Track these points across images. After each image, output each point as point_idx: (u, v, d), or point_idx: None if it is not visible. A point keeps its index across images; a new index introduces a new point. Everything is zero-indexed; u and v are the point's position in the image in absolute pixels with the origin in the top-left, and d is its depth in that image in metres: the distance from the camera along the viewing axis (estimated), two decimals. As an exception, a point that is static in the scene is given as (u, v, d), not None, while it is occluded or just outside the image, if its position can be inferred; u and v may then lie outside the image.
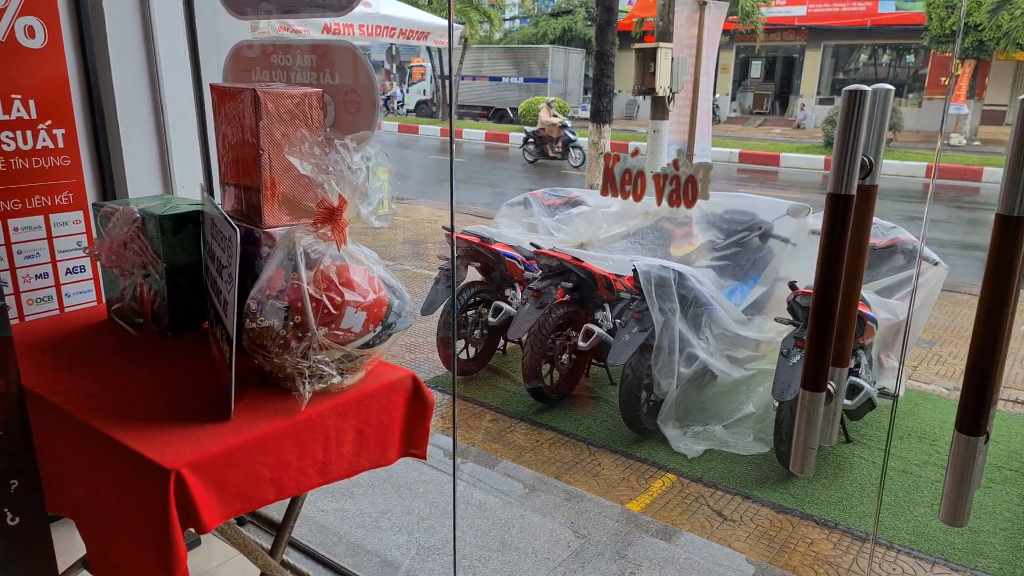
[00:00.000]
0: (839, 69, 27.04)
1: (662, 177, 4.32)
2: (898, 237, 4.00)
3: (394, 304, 1.62)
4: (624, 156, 4.36)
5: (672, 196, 4.32)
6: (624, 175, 4.36)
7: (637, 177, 4.35)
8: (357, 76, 1.67)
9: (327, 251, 1.55)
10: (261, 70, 1.89)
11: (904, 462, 3.73)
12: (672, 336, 3.71)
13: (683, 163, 4.29)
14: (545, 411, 4.26)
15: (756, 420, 3.94)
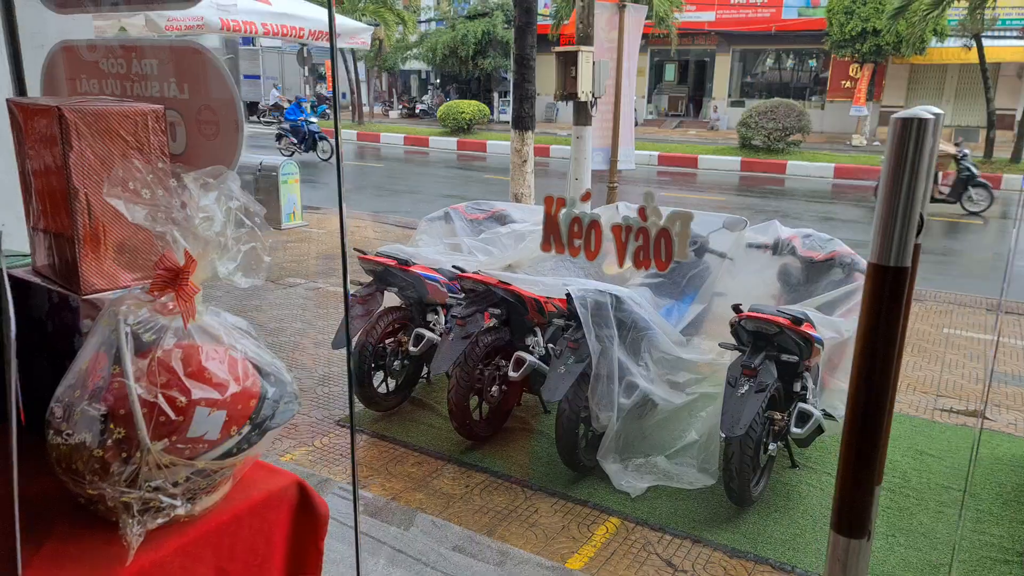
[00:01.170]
0: (747, 73, 27.84)
1: (624, 230, 3.30)
2: (836, 250, 3.83)
3: (268, 394, 1.20)
4: (571, 200, 3.37)
5: (639, 255, 3.26)
6: (572, 226, 3.38)
7: (590, 229, 3.34)
8: (212, 88, 1.24)
9: (169, 328, 1.13)
10: (89, 79, 1.44)
11: (853, 487, 3.55)
12: (611, 365, 3.40)
13: (651, 211, 3.26)
14: (475, 450, 3.88)
15: (700, 449, 3.68)
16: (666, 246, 3.15)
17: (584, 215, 3.36)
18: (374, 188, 13.70)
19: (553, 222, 3.42)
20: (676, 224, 3.12)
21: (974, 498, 3.45)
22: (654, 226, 3.16)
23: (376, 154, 19.31)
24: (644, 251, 3.15)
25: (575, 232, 3.32)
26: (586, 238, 3.30)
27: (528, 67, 6.75)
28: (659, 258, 3.17)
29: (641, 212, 3.17)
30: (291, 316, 5.98)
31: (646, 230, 3.17)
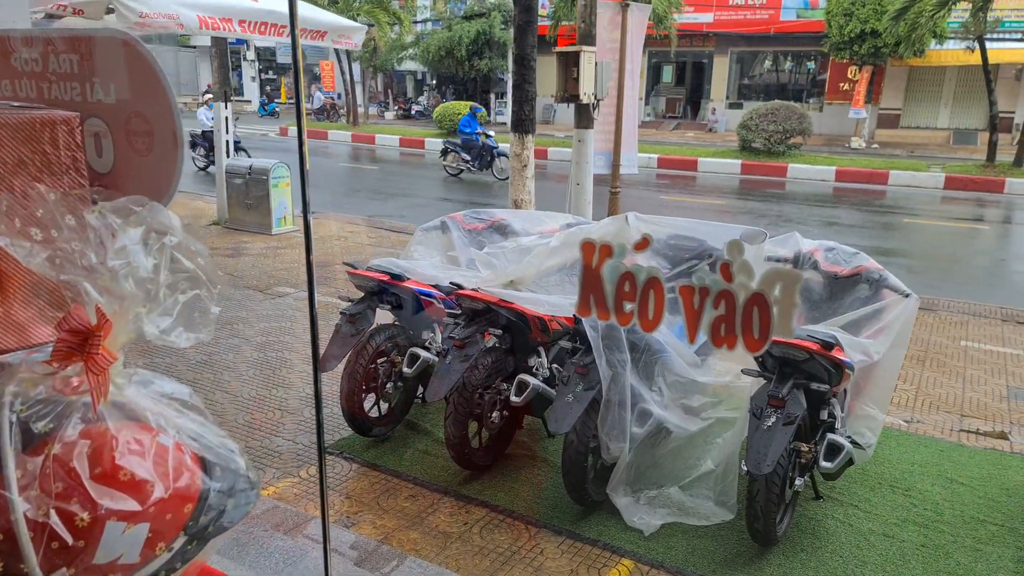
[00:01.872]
0: (745, 75, 27.63)
1: (699, 293, 2.42)
2: (862, 265, 3.56)
3: (210, 492, 0.92)
4: (620, 248, 2.57)
5: (719, 329, 2.39)
6: (622, 284, 2.53)
7: (648, 289, 2.50)
8: (143, 90, 0.96)
9: (73, 412, 0.84)
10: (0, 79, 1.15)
11: (882, 522, 3.28)
12: (623, 392, 3.12)
13: (740, 267, 2.41)
14: (474, 480, 3.59)
15: (716, 480, 3.40)
16: (761, 318, 2.24)
17: (639, 269, 2.50)
18: (368, 191, 13.41)
19: (594, 277, 2.52)
20: (776, 287, 2.20)
21: (1013, 534, 3.18)
22: (743, 289, 2.25)
23: (371, 156, 19.02)
24: (727, 324, 2.25)
25: (625, 292, 2.44)
26: (642, 301, 2.40)
27: (529, 68, 6.47)
28: (749, 334, 2.27)
29: (725, 270, 2.28)
30: (280, 329, 5.69)
31: (731, 295, 2.27)
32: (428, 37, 26.51)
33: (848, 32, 19.94)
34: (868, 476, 3.65)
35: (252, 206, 8.94)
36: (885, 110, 24.12)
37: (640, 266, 2.53)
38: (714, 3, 25.29)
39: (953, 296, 6.87)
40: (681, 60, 27.73)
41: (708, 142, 21.48)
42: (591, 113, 7.21)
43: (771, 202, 13.16)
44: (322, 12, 7.74)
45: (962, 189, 14.24)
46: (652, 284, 2.52)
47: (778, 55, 27.10)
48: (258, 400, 4.45)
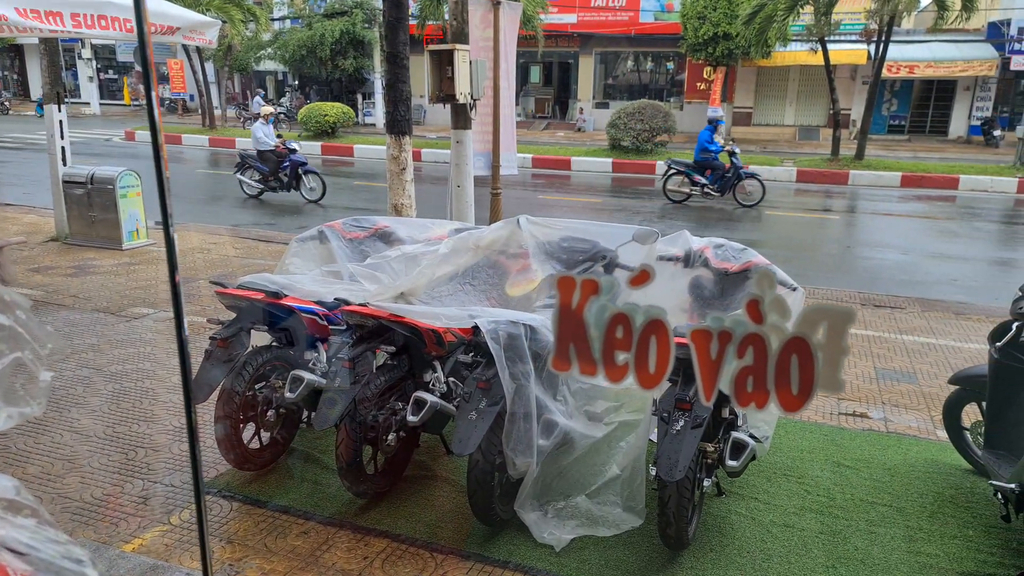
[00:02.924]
0: (609, 75, 28.56)
1: (718, 338, 1.89)
2: (751, 260, 3.63)
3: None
4: (609, 284, 2.03)
5: (745, 382, 1.89)
6: (613, 329, 1.96)
7: (648, 335, 1.94)
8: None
9: None
10: None
11: (781, 512, 3.35)
12: (527, 404, 2.98)
13: (771, 304, 1.84)
14: (371, 509, 3.33)
15: (623, 485, 3.34)
16: (801, 368, 1.73)
17: (634, 309, 1.94)
18: (232, 199, 12.57)
19: (575, 321, 1.97)
20: (819, 328, 1.70)
21: (901, 513, 3.34)
22: (777, 332, 1.74)
23: (231, 161, 17.88)
24: (756, 377, 1.75)
25: (618, 340, 1.92)
26: (639, 349, 1.88)
27: (402, 66, 6.21)
28: (785, 389, 1.75)
29: (752, 308, 1.75)
30: (138, 355, 5.11)
31: (761, 340, 1.75)
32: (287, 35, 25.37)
33: (702, 34, 21.05)
34: (763, 466, 3.72)
35: (97, 219, 8.06)
36: (739, 108, 25.74)
37: (636, 306, 1.93)
38: (577, 4, 25.94)
39: (815, 284, 7.31)
40: (548, 60, 28.24)
41: (579, 141, 21.98)
42: (468, 113, 7.05)
43: (644, 199, 13.60)
44: (169, 5, 7.07)
45: (812, 182, 15.38)
46: (654, 328, 1.90)
47: (639, 56, 28.21)
48: (116, 439, 3.94)
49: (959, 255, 9.30)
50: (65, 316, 5.89)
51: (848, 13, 20.90)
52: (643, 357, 1.92)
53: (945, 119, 24.24)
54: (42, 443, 3.86)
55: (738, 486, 3.54)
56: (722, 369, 1.83)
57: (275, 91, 31.48)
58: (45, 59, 7.93)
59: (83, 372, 4.79)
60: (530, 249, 3.81)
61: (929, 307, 6.59)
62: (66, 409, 4.25)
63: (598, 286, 2.00)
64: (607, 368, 2.01)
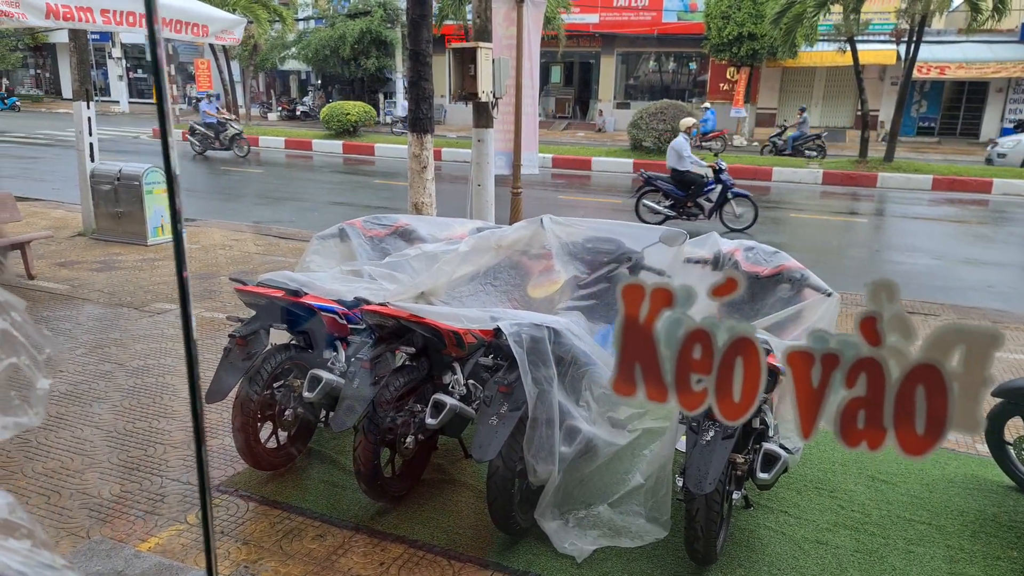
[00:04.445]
0: (631, 75, 28.38)
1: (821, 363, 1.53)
2: (783, 264, 3.52)
3: None
4: (685, 295, 1.64)
5: (853, 417, 1.54)
6: (690, 347, 1.61)
7: (732, 355, 1.58)
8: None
9: None
10: None
11: (814, 528, 3.23)
12: (550, 410, 2.89)
13: (891, 322, 1.48)
14: (388, 513, 3.27)
15: (647, 495, 3.24)
16: (930, 403, 1.40)
17: (715, 326, 1.57)
18: (254, 196, 12.62)
19: (642, 336, 1.62)
20: (954, 353, 1.38)
21: (940, 532, 3.20)
22: (897, 357, 1.41)
23: (255, 159, 18.00)
24: (870, 411, 1.42)
25: (694, 361, 1.56)
26: (722, 373, 1.53)
27: (424, 64, 6.15)
28: (908, 427, 1.41)
29: (868, 326, 1.42)
30: (160, 351, 5.10)
31: (877, 366, 1.42)
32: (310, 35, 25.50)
33: (727, 35, 20.82)
34: (793, 478, 3.61)
35: (123, 214, 8.11)
36: (763, 109, 25.45)
37: (719, 321, 1.57)
38: (599, 4, 25.80)
39: (843, 288, 7.13)
40: (569, 60, 28.13)
41: (599, 141, 21.84)
42: (490, 112, 6.98)
43: (666, 199, 13.41)
44: (201, 5, 7.08)
45: (839, 184, 15.12)
46: (740, 348, 1.53)
47: (661, 56, 28.01)
48: (135, 435, 3.91)
49: (994, 261, 9.05)
50: (89, 310, 5.91)
51: (877, 13, 20.56)
52: (726, 383, 1.54)
53: (976, 121, 23.77)
54: (63, 438, 3.85)
55: (767, 499, 3.43)
56: (826, 400, 1.47)
57: (299, 90, 31.69)
58: (74, 57, 7.99)
59: (105, 367, 4.79)
60: (553, 249, 3.72)
61: (964, 314, 6.41)
62: (87, 404, 4.24)
63: (672, 296, 1.62)
64: (681, 393, 1.64)
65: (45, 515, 3.19)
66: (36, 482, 3.44)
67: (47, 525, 3.11)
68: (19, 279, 6.63)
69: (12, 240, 6.60)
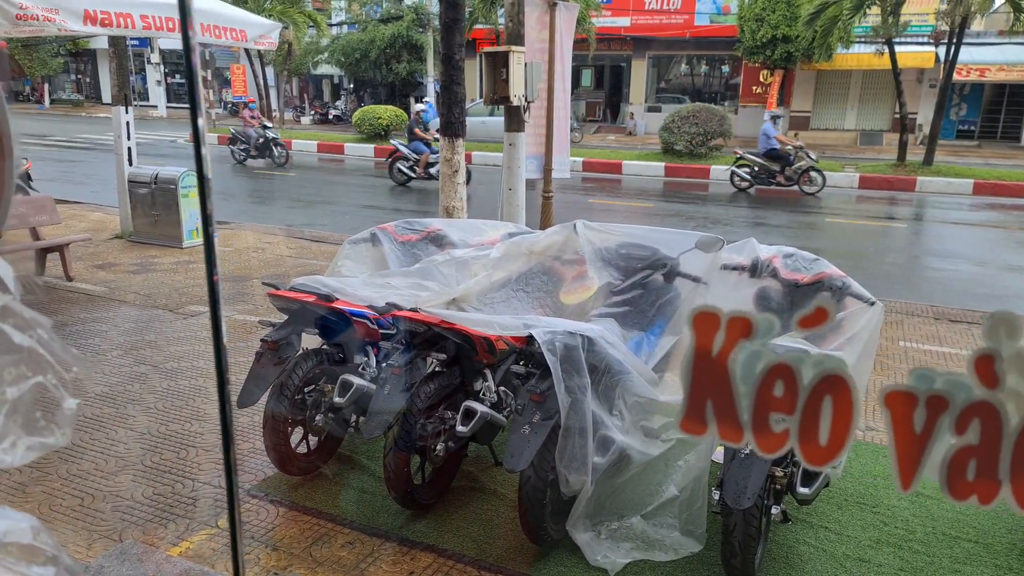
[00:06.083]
0: (662, 78, 28.16)
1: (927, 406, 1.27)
2: (824, 271, 3.41)
3: None
4: (767, 326, 1.36)
5: (967, 470, 1.28)
6: (770, 383, 1.37)
7: (820, 395, 1.34)
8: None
9: None
10: None
11: (855, 545, 3.12)
12: (583, 419, 2.84)
13: (1013, 359, 1.21)
14: (418, 520, 3.24)
15: (682, 507, 3.17)
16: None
17: (802, 360, 1.39)
18: (287, 199, 12.75)
19: (717, 370, 1.46)
20: None
21: (988, 550, 3.08)
22: (1018, 401, 1.26)
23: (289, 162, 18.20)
24: (983, 461, 1.28)
25: (776, 399, 1.40)
26: (807, 414, 1.38)
27: (457, 68, 6.15)
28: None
29: (983, 366, 1.26)
30: (193, 353, 5.16)
31: (994, 411, 1.27)
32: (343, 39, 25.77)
33: (760, 37, 20.52)
34: (833, 493, 3.50)
35: (160, 217, 8.24)
36: (796, 112, 25.03)
37: (804, 354, 1.40)
38: (631, 7, 25.64)
39: (883, 295, 6.95)
40: (599, 64, 27.99)
41: (630, 145, 21.69)
42: (522, 115, 6.95)
43: (696, 204, 13.29)
44: (236, 9, 7.17)
45: (876, 188, 14.80)
46: (831, 386, 1.37)
47: (693, 59, 27.74)
48: (169, 437, 3.95)
49: (1038, 268, 8.77)
50: (125, 312, 6.00)
51: (916, 14, 20.10)
52: (811, 424, 1.38)
53: (1017, 125, 23.11)
54: (97, 439, 3.90)
55: (806, 513, 3.32)
56: (930, 448, 1.31)
57: (331, 94, 32.05)
58: (114, 62, 8.15)
59: (140, 369, 4.85)
60: (586, 255, 3.67)
61: (1008, 323, 6.19)
62: (122, 406, 4.29)
63: (751, 326, 1.43)
64: (758, 435, 1.47)
65: (78, 517, 3.22)
66: (70, 484, 3.48)
67: (79, 528, 3.14)
68: (58, 281, 6.76)
69: (51, 242, 6.74)
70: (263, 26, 6.91)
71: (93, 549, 2.99)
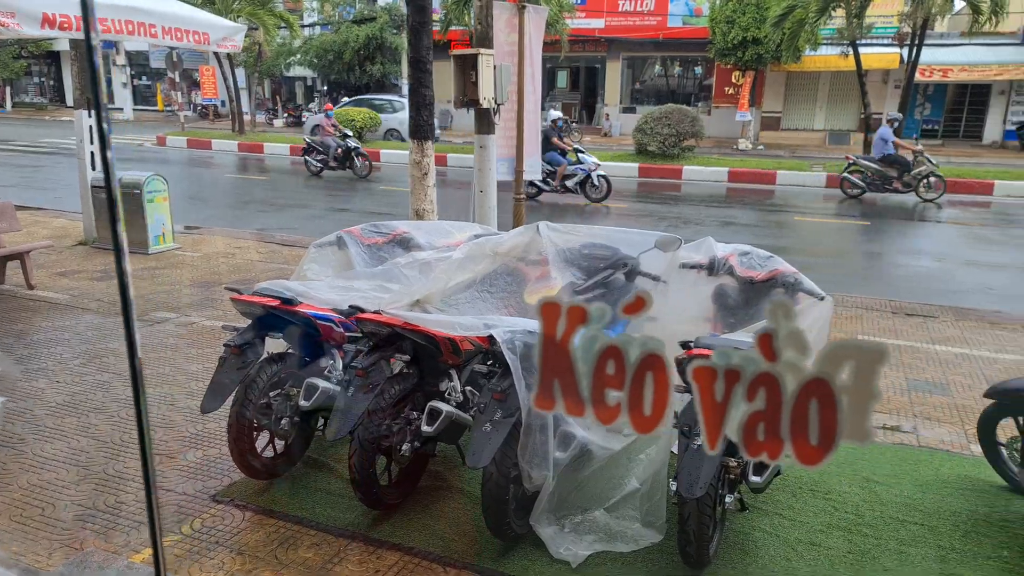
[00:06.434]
0: (636, 79, 28.40)
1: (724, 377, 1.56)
2: (777, 268, 3.51)
3: None
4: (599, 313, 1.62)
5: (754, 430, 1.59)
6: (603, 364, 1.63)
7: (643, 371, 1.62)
8: None
9: None
10: None
11: (807, 530, 3.22)
12: (543, 416, 2.90)
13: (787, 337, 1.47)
14: (385, 520, 3.27)
15: (643, 499, 3.24)
16: (822, 415, 1.48)
17: (628, 342, 1.61)
18: (258, 203, 12.68)
19: (560, 353, 1.68)
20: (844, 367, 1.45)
21: (933, 532, 3.19)
22: (793, 371, 1.47)
23: (260, 166, 18.10)
24: (768, 424, 1.50)
25: (608, 376, 1.62)
26: (634, 387, 1.60)
27: (425, 71, 6.18)
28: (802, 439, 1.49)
29: (765, 343, 1.47)
30: (158, 360, 5.13)
31: (774, 380, 1.49)
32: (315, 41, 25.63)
33: (731, 39, 20.80)
34: (788, 481, 3.59)
35: (124, 223, 8.15)
36: (767, 113, 25.39)
37: (631, 337, 1.63)
38: (604, 9, 25.84)
39: (846, 291, 7.12)
40: (574, 65, 28.17)
41: (605, 146, 21.84)
42: (492, 118, 7.00)
43: (669, 204, 13.44)
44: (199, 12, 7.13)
45: (841, 187, 15.06)
46: (650, 364, 1.59)
47: (667, 60, 28.01)
48: (131, 445, 3.93)
49: (994, 263, 9.01)
50: (88, 320, 5.94)
51: (880, 16, 20.51)
52: (638, 397, 1.62)
53: (979, 123, 23.66)
54: (59, 449, 3.87)
55: (762, 502, 3.42)
56: (729, 414, 1.56)
57: (305, 97, 31.84)
58: (75, 65, 8.06)
59: (103, 377, 4.82)
60: (550, 256, 3.73)
61: (963, 316, 6.38)
62: (85, 415, 4.27)
63: (587, 314, 1.67)
64: (596, 408, 1.72)
65: (40, 527, 3.21)
66: (31, 494, 3.45)
67: (40, 537, 3.12)
68: (19, 289, 6.67)
69: (12, 250, 6.64)
70: (226, 28, 6.88)
71: (54, 558, 2.99)
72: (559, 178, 12.66)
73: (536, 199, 12.86)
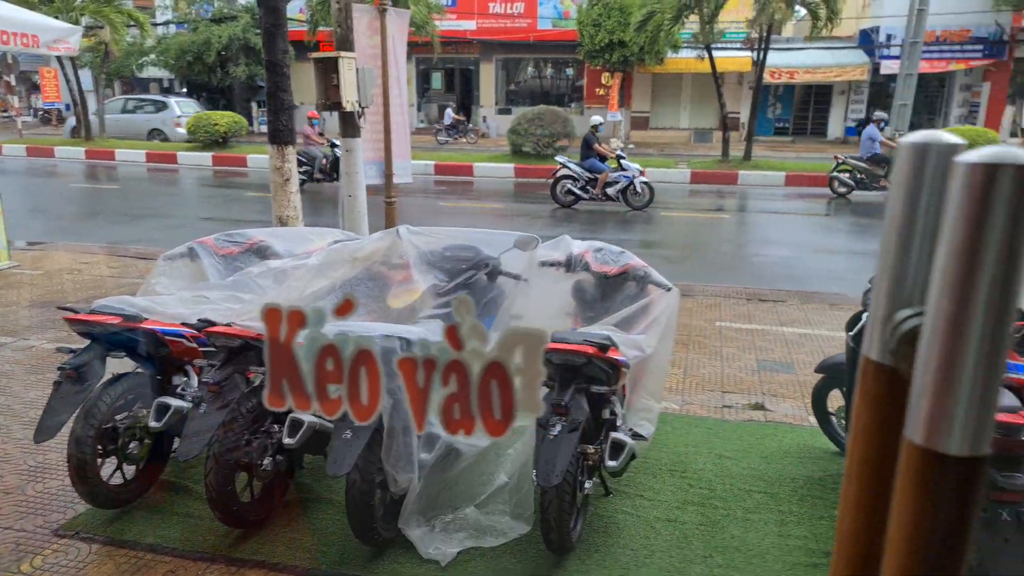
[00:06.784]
0: (511, 81, 28.82)
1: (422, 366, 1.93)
2: (628, 263, 3.69)
3: None
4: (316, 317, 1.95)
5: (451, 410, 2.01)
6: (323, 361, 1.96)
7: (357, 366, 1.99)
8: None
9: None
10: None
11: (665, 508, 3.42)
12: (405, 419, 2.88)
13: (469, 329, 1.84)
14: (248, 539, 3.16)
15: (511, 493, 3.31)
16: (501, 393, 1.71)
17: (344, 338, 1.84)
18: (110, 214, 11.83)
19: (285, 355, 1.83)
20: (516, 353, 1.67)
21: (774, 499, 3.48)
22: (476, 358, 1.70)
23: (111, 174, 16.87)
24: (461, 404, 1.74)
25: (328, 372, 1.82)
26: (351, 381, 1.80)
27: (282, 75, 6.01)
28: (488, 414, 1.73)
29: (452, 335, 1.71)
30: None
31: (462, 367, 1.73)
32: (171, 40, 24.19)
33: (599, 41, 21.55)
34: (650, 463, 3.79)
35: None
36: (637, 113, 26.50)
37: (345, 335, 1.81)
38: (476, 11, 26.04)
39: (708, 281, 7.58)
40: (449, 67, 28.21)
41: (482, 148, 22.02)
42: (356, 121, 6.90)
43: (545, 203, 13.74)
44: (26, 12, 6.54)
45: (705, 183, 16.00)
46: (362, 359, 1.79)
47: (539, 62, 28.61)
48: (-39, 483, 3.58)
49: (838, 249, 9.88)
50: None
51: (732, 22, 21.91)
52: (355, 389, 1.82)
53: (824, 121, 25.81)
54: None
55: (625, 484, 3.59)
56: (430, 398, 1.79)
57: (163, 100, 29.93)
58: None
59: (-74, 411, 4.35)
60: (411, 259, 3.73)
61: (808, 299, 6.95)
62: (-97, 454, 3.84)
63: (304, 317, 1.85)
64: (321, 402, 1.90)
65: None
66: None
67: None
68: None
69: None
70: (59, 30, 6.37)
71: None
72: (600, 186, 12.14)
73: (573, 207, 12.38)
